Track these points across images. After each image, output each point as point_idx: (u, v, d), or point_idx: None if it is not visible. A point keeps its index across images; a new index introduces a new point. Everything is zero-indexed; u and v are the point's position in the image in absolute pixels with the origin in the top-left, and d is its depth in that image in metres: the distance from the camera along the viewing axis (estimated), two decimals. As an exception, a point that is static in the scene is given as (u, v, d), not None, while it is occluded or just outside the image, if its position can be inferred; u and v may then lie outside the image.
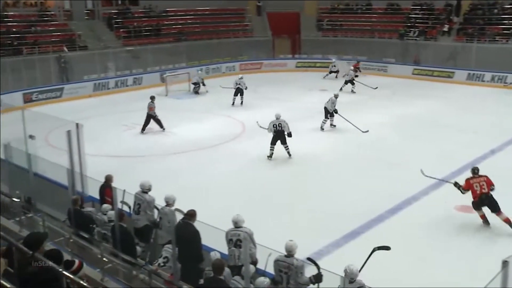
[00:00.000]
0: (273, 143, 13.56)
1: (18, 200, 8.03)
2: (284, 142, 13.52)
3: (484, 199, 9.21)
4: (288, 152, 13.61)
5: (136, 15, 28.99)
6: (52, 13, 26.15)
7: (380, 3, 31.83)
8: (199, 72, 24.15)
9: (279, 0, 31.89)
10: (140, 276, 6.12)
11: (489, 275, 5.50)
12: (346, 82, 22.97)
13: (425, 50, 27.33)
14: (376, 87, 22.43)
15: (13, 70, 20.99)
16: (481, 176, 9.39)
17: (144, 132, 16.62)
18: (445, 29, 28.04)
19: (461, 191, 9.51)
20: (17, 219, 7.51)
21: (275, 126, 13.49)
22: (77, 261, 5.03)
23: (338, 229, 9.24)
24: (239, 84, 20.16)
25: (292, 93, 22.11)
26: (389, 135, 15.80)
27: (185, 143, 15.04)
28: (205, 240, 6.88)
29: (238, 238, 6.68)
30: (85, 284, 4.25)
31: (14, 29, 23.40)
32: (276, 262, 6.08)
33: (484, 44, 25.81)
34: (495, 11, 27.65)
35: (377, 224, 9.61)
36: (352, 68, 24.19)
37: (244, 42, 30.73)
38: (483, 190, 9.17)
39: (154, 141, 15.56)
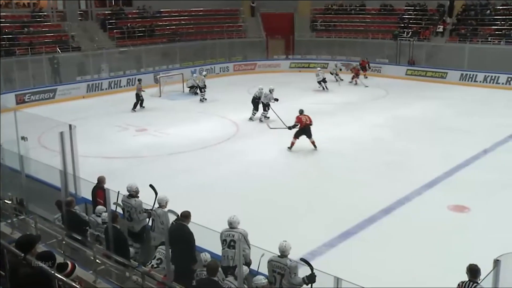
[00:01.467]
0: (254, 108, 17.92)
1: (10, 202, 7.99)
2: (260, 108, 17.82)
3: (307, 129, 13.96)
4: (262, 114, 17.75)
5: (129, 16, 28.92)
6: (45, 14, 26.02)
7: (373, 4, 31.91)
8: (194, 75, 24.09)
9: (273, 1, 31.91)
10: (133, 278, 6.10)
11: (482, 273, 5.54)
12: (319, 82, 23.48)
13: (418, 50, 27.42)
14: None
15: (6, 71, 20.88)
16: (306, 114, 14.19)
17: (135, 110, 19.45)
18: (439, 29, 28.15)
19: (295, 127, 14.09)
20: (9, 221, 7.46)
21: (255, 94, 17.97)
22: (69, 264, 5.00)
23: (331, 230, 9.25)
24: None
25: (286, 94, 22.06)
26: (384, 135, 15.84)
27: (180, 144, 15.01)
28: (200, 242, 6.86)
29: (232, 239, 6.68)
30: (77, 286, 4.23)
31: (6, 30, 23.25)
32: (270, 262, 6.09)
33: (477, 45, 25.95)
34: (488, 12, 27.80)
35: (370, 225, 9.64)
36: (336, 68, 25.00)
37: (238, 43, 30.73)
38: (307, 122, 13.97)
39: (148, 142, 15.51)
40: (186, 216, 6.88)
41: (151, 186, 8.14)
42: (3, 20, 23.96)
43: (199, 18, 31.37)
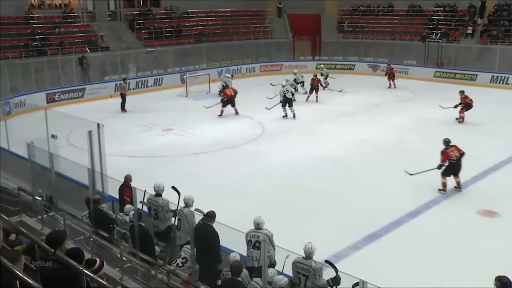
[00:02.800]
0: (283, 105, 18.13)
1: (40, 198, 8.17)
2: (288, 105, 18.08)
3: (231, 99, 17.76)
4: (287, 114, 18.09)
5: (157, 16, 29.24)
6: (76, 14, 26.53)
7: (401, 4, 31.50)
8: (227, 75, 23.18)
9: (299, 2, 31.82)
10: (158, 276, 6.16)
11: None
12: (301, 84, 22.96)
13: (447, 52, 26.95)
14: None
15: (37, 70, 21.36)
16: (231, 88, 18.14)
17: (124, 111, 19.40)
18: (469, 31, 27.63)
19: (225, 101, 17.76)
20: (39, 217, 7.63)
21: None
22: (98, 260, 5.08)
23: (356, 232, 9.17)
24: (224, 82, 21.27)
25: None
26: (409, 137, 15.63)
27: (205, 144, 15.10)
28: (224, 242, 6.89)
29: (257, 240, 6.69)
30: (104, 282, 4.29)
31: (38, 30, 23.77)
32: (295, 264, 6.08)
33: (509, 46, 25.35)
34: (522, 12, 27.15)
35: (396, 228, 9.52)
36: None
37: (264, 44, 30.75)
38: (231, 94, 17.89)
39: (173, 141, 15.66)
40: (211, 216, 6.92)
41: (173, 187, 8.20)
42: (36, 21, 24.52)
43: (226, 19, 31.50)
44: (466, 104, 17.31)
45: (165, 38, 27.61)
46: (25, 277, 3.53)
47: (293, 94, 18.34)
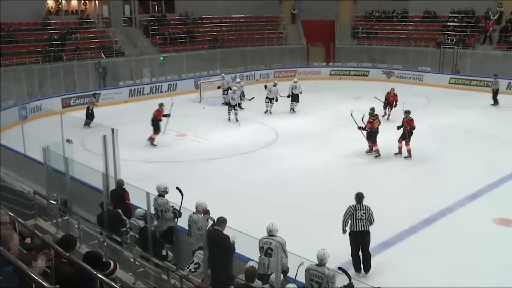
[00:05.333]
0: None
1: (55, 202, 8.25)
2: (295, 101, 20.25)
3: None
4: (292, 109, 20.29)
5: (172, 22, 29.42)
6: (91, 20, 26.82)
7: (416, 10, 31.28)
8: (242, 82, 22.46)
9: (314, 8, 31.81)
10: (171, 281, 6.17)
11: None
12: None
13: (463, 58, 26.69)
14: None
15: (53, 75, 21.61)
16: None
17: (89, 127, 17.13)
18: (487, 33, 27.22)
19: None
20: (54, 221, 7.70)
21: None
22: (112, 263, 5.11)
23: (370, 239, 9.09)
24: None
25: (326, 101, 21.97)
26: (424, 144, 15.49)
27: (218, 150, 15.12)
28: (237, 248, 6.87)
29: (269, 247, 6.67)
30: (117, 286, 4.30)
31: (55, 36, 24.06)
32: (308, 271, 6.05)
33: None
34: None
35: (410, 235, 9.44)
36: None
37: (278, 50, 30.76)
38: None
39: (187, 147, 15.71)
40: (221, 221, 6.92)
41: (177, 188, 8.29)
42: (53, 27, 24.83)
43: (240, 25, 31.59)
44: (408, 127, 14.23)
45: (179, 43, 27.76)
46: (40, 280, 3.56)
47: (299, 93, 20.05)
